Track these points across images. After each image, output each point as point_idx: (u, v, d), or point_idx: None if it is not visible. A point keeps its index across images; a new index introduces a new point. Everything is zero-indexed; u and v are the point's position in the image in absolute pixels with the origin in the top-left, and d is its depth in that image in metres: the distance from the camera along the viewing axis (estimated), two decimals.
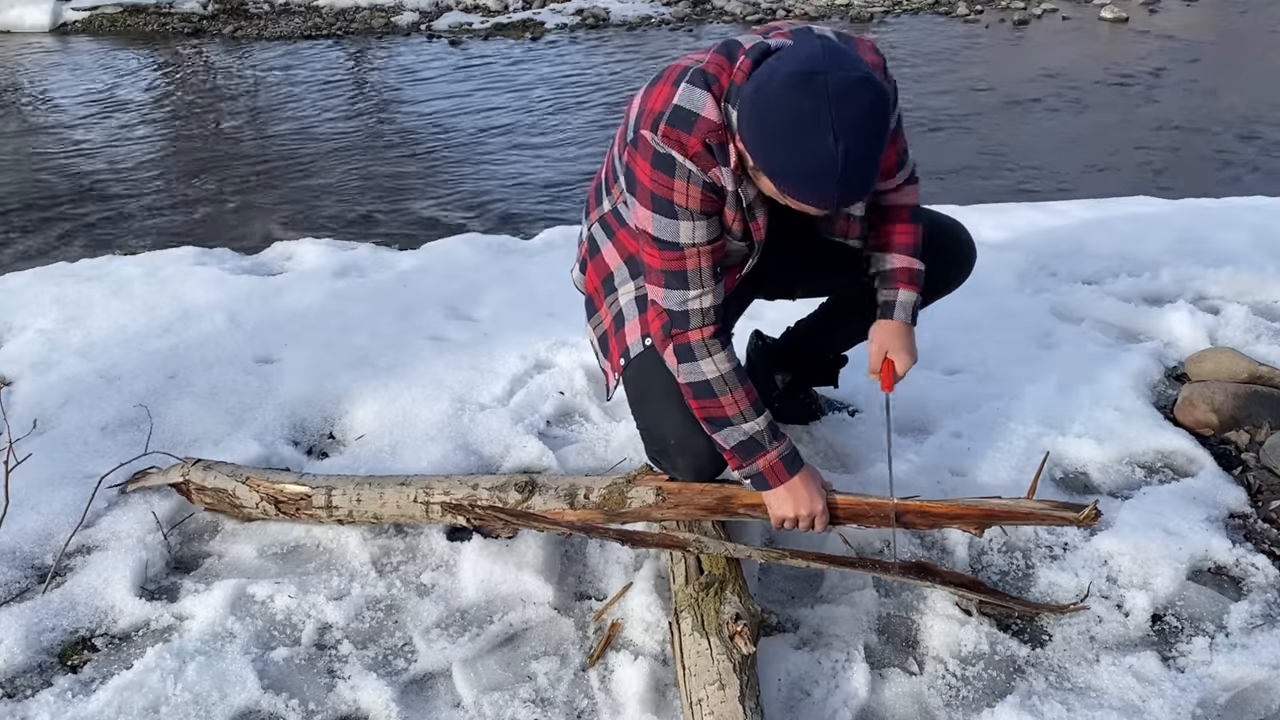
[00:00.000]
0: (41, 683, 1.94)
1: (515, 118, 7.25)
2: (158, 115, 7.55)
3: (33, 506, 2.32)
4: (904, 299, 1.99)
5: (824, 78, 1.51)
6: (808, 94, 1.51)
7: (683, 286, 1.84)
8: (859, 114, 1.53)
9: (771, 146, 1.59)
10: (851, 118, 1.52)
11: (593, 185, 2.12)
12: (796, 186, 1.61)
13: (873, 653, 1.99)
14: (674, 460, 2.05)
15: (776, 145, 1.58)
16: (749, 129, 1.62)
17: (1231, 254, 3.59)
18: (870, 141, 1.56)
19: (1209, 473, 2.45)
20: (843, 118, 1.51)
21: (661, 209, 1.78)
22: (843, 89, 1.51)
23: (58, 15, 10.34)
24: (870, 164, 1.58)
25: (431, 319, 3.22)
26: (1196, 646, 1.99)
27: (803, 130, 1.53)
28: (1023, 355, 2.94)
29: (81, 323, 3.16)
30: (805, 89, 1.52)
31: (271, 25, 10.22)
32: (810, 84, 1.51)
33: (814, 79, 1.51)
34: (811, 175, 1.57)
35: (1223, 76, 7.96)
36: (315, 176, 6.20)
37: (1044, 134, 6.69)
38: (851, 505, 1.98)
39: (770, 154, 1.60)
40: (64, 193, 5.95)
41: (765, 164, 1.63)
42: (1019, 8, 10.35)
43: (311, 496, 2.23)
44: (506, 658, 2.01)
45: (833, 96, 1.51)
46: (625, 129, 1.85)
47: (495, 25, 10.07)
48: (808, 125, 1.52)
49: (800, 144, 1.54)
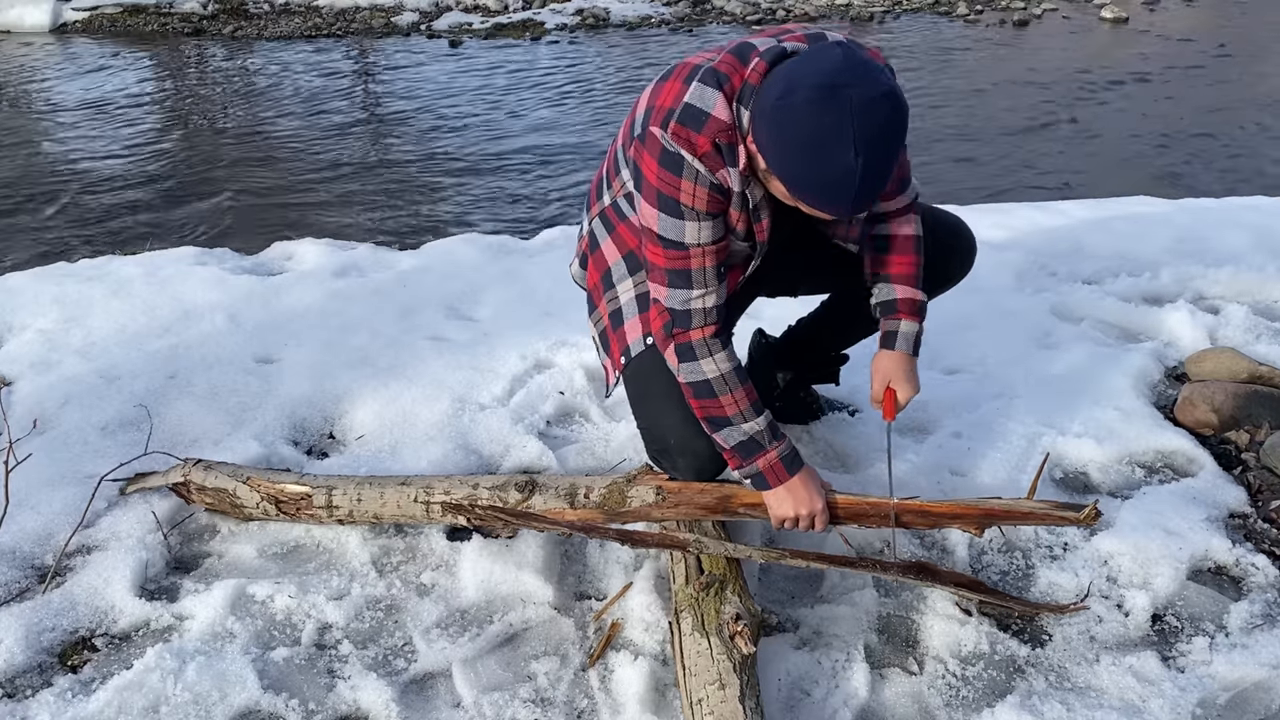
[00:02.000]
0: (41, 683, 1.94)
1: (515, 117, 7.25)
2: (158, 115, 7.55)
3: (33, 506, 2.32)
4: (906, 330, 2.00)
5: (848, 91, 1.52)
6: (831, 107, 1.52)
7: (686, 286, 1.85)
8: (879, 128, 1.54)
9: (790, 157, 1.60)
10: (872, 132, 1.53)
11: (594, 180, 2.12)
12: (813, 195, 1.63)
13: (873, 653, 1.99)
14: (674, 460, 2.05)
15: (796, 156, 1.59)
16: (768, 136, 1.62)
17: (1231, 254, 3.59)
18: (887, 155, 1.58)
19: (1209, 473, 2.45)
20: (863, 132, 1.53)
21: (668, 208, 1.78)
22: (865, 103, 1.52)
23: (58, 15, 10.33)
24: (885, 176, 1.61)
25: (431, 319, 3.22)
26: (1196, 646, 1.99)
27: (824, 143, 1.54)
28: (1022, 355, 2.94)
29: (81, 323, 3.16)
30: (830, 102, 1.52)
31: (271, 25, 10.22)
32: (835, 97, 1.52)
33: (839, 92, 1.52)
34: (828, 186, 1.59)
35: (1223, 76, 7.96)
36: (315, 176, 6.20)
37: (1044, 134, 6.69)
38: (851, 505, 1.99)
39: (788, 163, 1.61)
40: (64, 193, 5.95)
41: (782, 172, 1.64)
42: (1019, 8, 10.35)
43: (312, 496, 2.24)
44: (506, 658, 2.01)
45: (855, 111, 1.52)
46: (632, 123, 1.85)
47: (495, 25, 10.07)
48: (829, 138, 1.53)
49: (820, 156, 1.55)
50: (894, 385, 2.00)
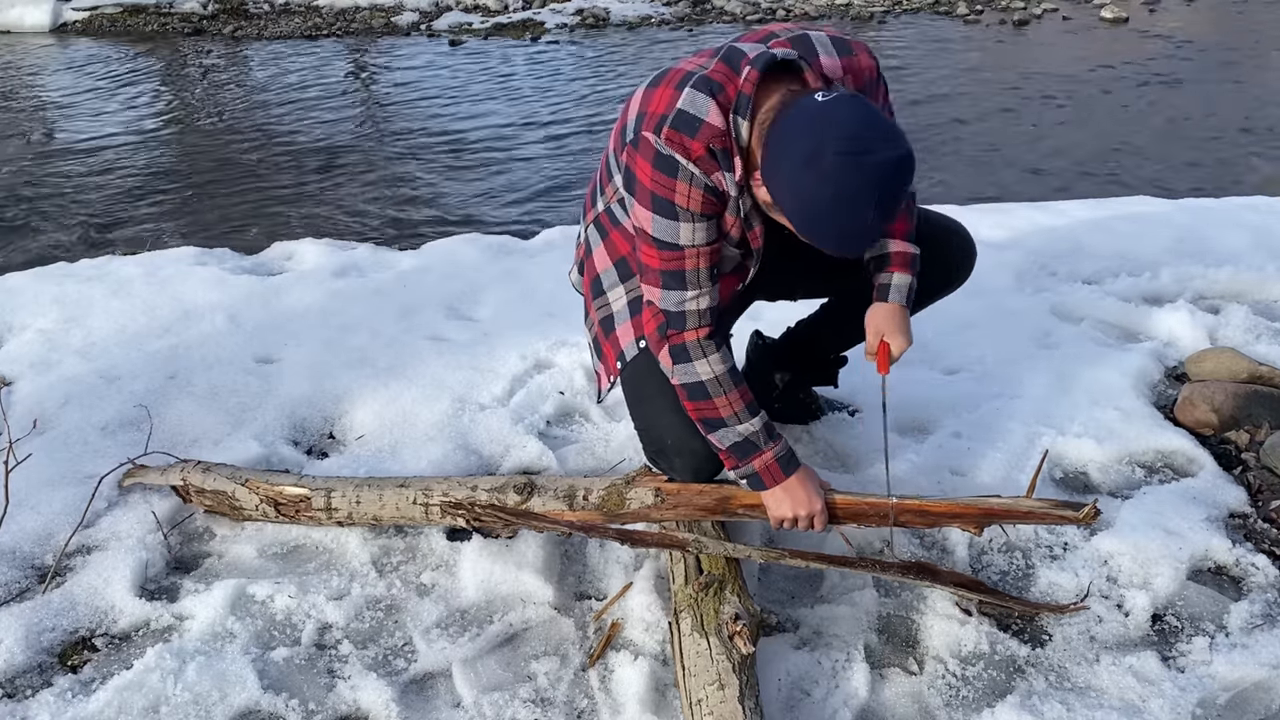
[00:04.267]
0: (41, 683, 1.94)
1: (515, 117, 7.24)
2: (157, 115, 7.55)
3: (33, 506, 2.32)
4: (898, 282, 2.00)
5: (873, 157, 1.55)
6: (857, 173, 1.56)
7: (680, 287, 1.85)
8: (897, 189, 1.59)
9: (813, 213, 1.63)
10: (891, 193, 1.58)
11: (589, 186, 2.12)
12: (823, 241, 1.68)
13: (873, 653, 1.99)
14: (671, 461, 2.06)
15: (818, 213, 1.62)
16: (791, 191, 1.63)
17: (1231, 254, 3.59)
18: (899, 204, 1.63)
19: (1209, 472, 2.45)
20: (884, 193, 1.58)
21: (662, 210, 1.78)
22: (889, 168, 1.57)
23: (58, 15, 10.32)
24: (892, 220, 1.66)
25: (431, 319, 3.22)
26: (1196, 646, 1.99)
27: (848, 205, 1.58)
28: (1022, 355, 2.94)
29: (81, 323, 3.16)
30: (856, 168, 1.55)
31: (271, 25, 10.21)
32: (860, 164, 1.55)
33: (864, 159, 1.55)
34: (843, 238, 1.65)
35: (1223, 76, 7.96)
36: (315, 176, 6.20)
37: (1044, 134, 6.69)
38: (850, 505, 1.99)
39: (808, 218, 1.65)
40: (64, 193, 5.94)
41: (799, 222, 1.67)
42: (1019, 8, 10.34)
43: (311, 498, 2.23)
44: (506, 658, 2.01)
45: (880, 176, 1.56)
46: (623, 129, 1.84)
47: (495, 25, 10.06)
48: (854, 201, 1.58)
49: (840, 213, 1.60)
50: (887, 338, 1.99)
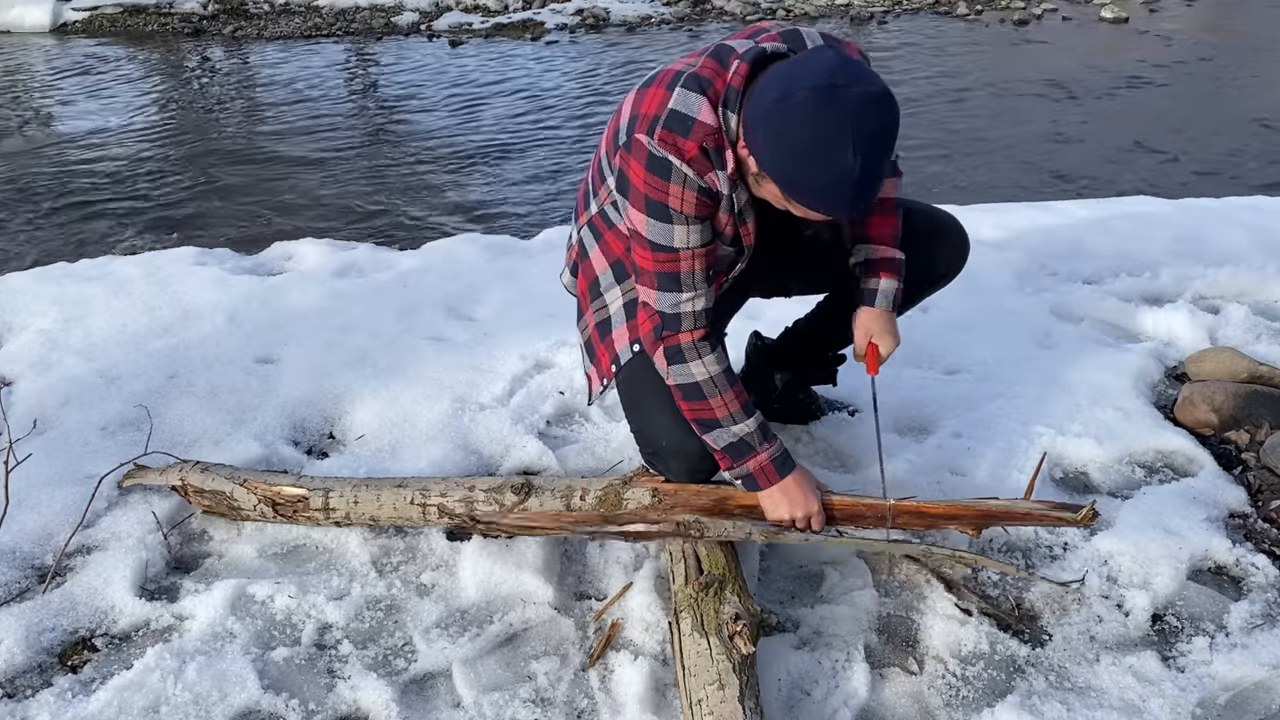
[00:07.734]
0: (41, 683, 1.94)
1: (515, 117, 7.25)
2: (158, 115, 7.55)
3: (33, 506, 2.32)
4: (885, 287, 2.02)
5: (846, 91, 1.52)
6: (830, 107, 1.52)
7: (675, 289, 1.85)
8: (876, 128, 1.55)
9: (789, 158, 1.59)
10: (870, 132, 1.54)
11: (581, 188, 2.12)
12: (811, 198, 1.63)
13: (873, 653, 1.99)
14: (667, 461, 2.06)
15: (795, 157, 1.58)
16: (765, 139, 1.61)
17: (1231, 254, 3.59)
18: (884, 154, 1.59)
19: (1209, 472, 2.45)
20: (862, 131, 1.53)
21: (656, 213, 1.77)
22: (863, 103, 1.53)
23: (58, 15, 10.33)
24: (880, 176, 1.61)
25: (431, 319, 3.22)
26: (1196, 646, 1.99)
27: (823, 144, 1.54)
28: (1022, 355, 2.94)
29: (81, 323, 3.16)
30: (828, 102, 1.52)
31: (271, 25, 10.22)
32: (833, 97, 1.52)
33: (837, 92, 1.52)
34: (828, 187, 1.59)
35: (1223, 76, 7.96)
36: (315, 176, 6.20)
37: (1044, 134, 6.69)
38: (847, 506, 1.99)
39: (786, 166, 1.61)
40: (64, 193, 5.95)
41: (779, 174, 1.63)
42: (1019, 8, 10.35)
43: (309, 499, 2.23)
44: (506, 658, 2.01)
45: (854, 110, 1.52)
46: (615, 131, 1.84)
47: (495, 25, 10.07)
48: (829, 138, 1.53)
49: (819, 157, 1.55)
50: (875, 339, 2.02)
